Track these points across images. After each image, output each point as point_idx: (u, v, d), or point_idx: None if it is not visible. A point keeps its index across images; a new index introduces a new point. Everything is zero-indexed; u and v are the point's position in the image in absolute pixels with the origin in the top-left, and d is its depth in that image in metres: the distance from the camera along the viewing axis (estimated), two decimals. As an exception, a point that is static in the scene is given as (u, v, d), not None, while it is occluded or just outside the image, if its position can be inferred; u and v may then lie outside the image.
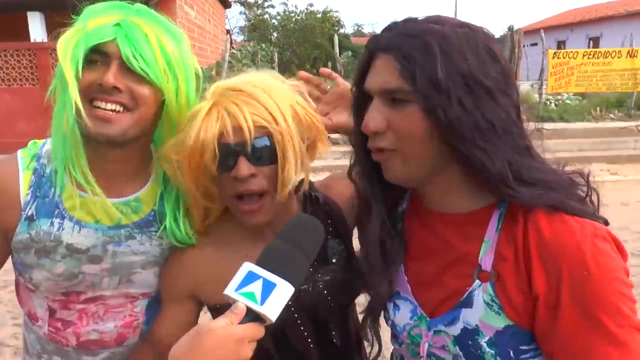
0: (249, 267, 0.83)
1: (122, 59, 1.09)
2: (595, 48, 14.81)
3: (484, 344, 0.90)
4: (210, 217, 1.23)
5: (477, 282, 0.91)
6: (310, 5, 33.41)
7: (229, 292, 0.82)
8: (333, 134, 1.34)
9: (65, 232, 1.18)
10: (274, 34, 31.43)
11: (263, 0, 34.63)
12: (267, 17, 33.66)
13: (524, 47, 12.79)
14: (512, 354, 0.89)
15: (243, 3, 33.87)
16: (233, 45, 17.84)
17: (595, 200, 0.94)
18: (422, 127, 0.88)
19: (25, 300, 1.30)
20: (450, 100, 0.84)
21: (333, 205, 1.28)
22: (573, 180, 0.94)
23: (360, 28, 43.28)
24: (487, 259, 0.91)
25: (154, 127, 1.23)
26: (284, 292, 0.82)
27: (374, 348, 1.14)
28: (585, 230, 0.83)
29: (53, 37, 1.17)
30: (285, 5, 43.40)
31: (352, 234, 1.28)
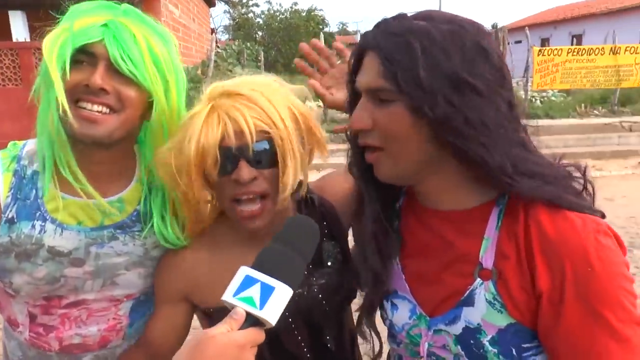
0: (246, 271, 0.81)
1: (109, 60, 1.07)
2: (579, 45, 14.99)
3: (487, 343, 0.89)
4: (205, 220, 1.22)
5: (478, 280, 0.91)
6: (295, 4, 33.21)
7: (227, 297, 0.80)
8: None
9: (47, 234, 1.16)
10: (259, 33, 31.36)
11: (247, -1, 34.52)
12: (251, 15, 33.56)
13: (509, 44, 12.89)
14: (514, 352, 0.89)
15: (227, 2, 33.60)
16: (218, 44, 17.75)
17: (591, 193, 0.94)
18: (407, 125, 0.88)
19: (5, 306, 1.27)
20: (437, 99, 0.83)
21: (328, 207, 1.27)
22: (570, 174, 0.94)
23: (345, 26, 43.19)
24: (488, 257, 0.90)
25: (140, 127, 1.22)
26: (283, 295, 0.80)
27: (374, 347, 1.13)
28: (588, 227, 0.83)
29: (36, 36, 1.15)
30: (270, 4, 43.18)
31: (347, 236, 1.27)
